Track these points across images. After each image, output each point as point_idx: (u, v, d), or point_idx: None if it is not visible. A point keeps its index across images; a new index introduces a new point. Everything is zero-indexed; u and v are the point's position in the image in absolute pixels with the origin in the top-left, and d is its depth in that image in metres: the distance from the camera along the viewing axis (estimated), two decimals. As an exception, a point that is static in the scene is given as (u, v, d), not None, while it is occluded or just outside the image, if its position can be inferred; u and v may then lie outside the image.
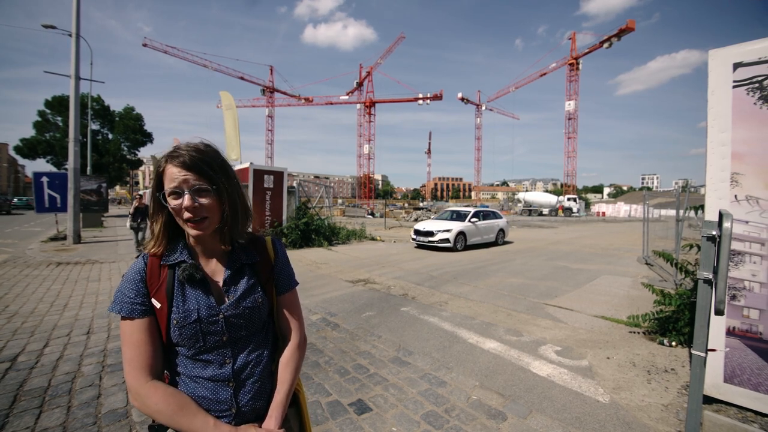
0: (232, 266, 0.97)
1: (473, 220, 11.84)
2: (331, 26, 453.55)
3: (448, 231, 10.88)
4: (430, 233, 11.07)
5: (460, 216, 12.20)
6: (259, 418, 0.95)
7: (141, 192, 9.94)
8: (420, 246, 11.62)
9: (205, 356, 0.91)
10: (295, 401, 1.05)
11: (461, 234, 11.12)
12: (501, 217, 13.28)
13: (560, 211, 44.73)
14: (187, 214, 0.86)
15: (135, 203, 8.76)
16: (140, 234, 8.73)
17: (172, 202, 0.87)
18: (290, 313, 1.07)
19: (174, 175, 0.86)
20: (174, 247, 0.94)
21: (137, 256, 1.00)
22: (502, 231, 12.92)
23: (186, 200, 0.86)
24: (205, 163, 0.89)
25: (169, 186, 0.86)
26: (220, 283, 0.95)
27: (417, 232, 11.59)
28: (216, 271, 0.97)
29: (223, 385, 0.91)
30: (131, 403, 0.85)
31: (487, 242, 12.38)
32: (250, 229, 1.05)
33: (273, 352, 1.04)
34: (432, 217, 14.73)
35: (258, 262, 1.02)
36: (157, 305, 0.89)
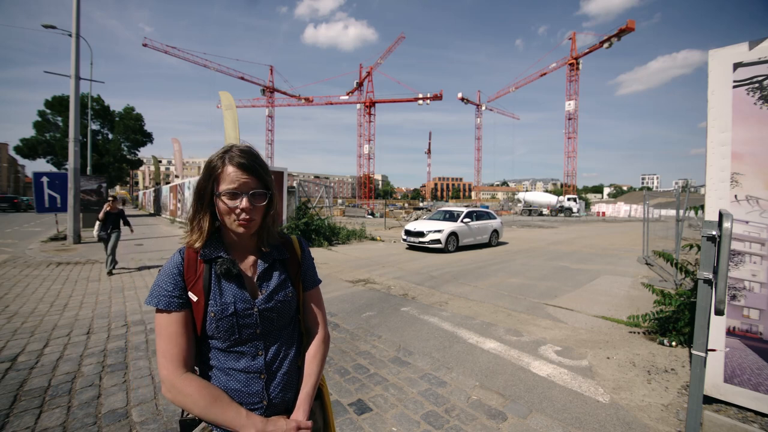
0: (265, 262, 1.01)
1: (465, 220, 11.55)
2: (332, 26, 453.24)
3: (439, 231, 10.61)
4: (421, 233, 10.79)
5: (452, 216, 11.87)
6: (287, 410, 0.98)
7: (114, 194, 7.93)
8: (411, 247, 11.36)
9: (239, 348, 0.94)
10: (319, 395, 1.09)
11: (453, 235, 10.87)
12: (495, 218, 13.01)
13: (548, 210, 45.04)
14: (242, 215, 0.91)
15: (106, 207, 6.96)
16: (110, 245, 6.88)
17: (228, 202, 0.90)
18: (316, 309, 1.12)
19: (234, 176, 0.91)
20: (210, 242, 0.98)
21: (109, 271, 1.01)
22: (496, 232, 12.69)
23: (244, 202, 0.90)
24: (262, 168, 0.95)
25: (228, 187, 0.90)
26: (254, 278, 1.00)
27: (408, 233, 11.29)
28: (249, 266, 1.01)
29: (255, 376, 0.94)
30: (163, 395, 0.84)
31: (480, 243, 12.13)
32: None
33: (299, 346, 1.07)
34: (424, 217, 14.46)
35: (287, 259, 1.07)
36: (194, 298, 0.92)
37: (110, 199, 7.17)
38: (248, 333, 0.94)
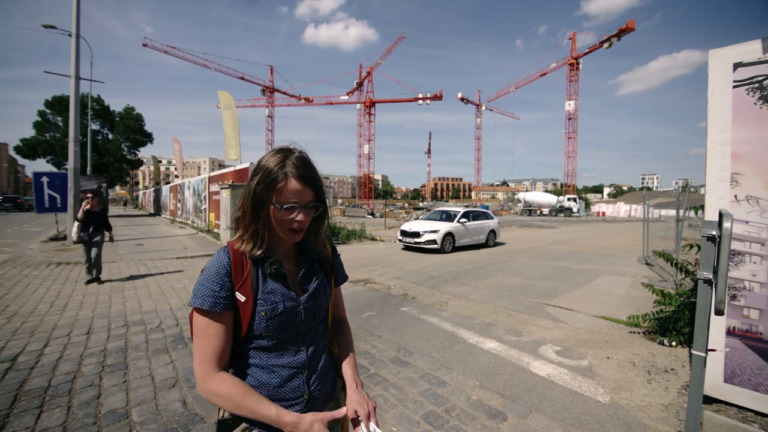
0: (306, 262, 1.05)
1: (462, 220, 11.39)
2: (333, 26, 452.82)
3: (435, 232, 10.47)
4: (417, 234, 10.66)
5: (449, 216, 11.71)
6: (324, 402, 1.03)
7: (92, 189, 5.94)
8: (407, 247, 11.23)
9: (284, 345, 0.97)
10: (344, 387, 1.12)
11: (449, 235, 10.75)
12: (492, 218, 12.88)
13: (540, 211, 45.39)
14: (296, 226, 0.93)
15: (85, 205, 5.73)
16: (94, 251, 5.85)
17: (287, 214, 0.91)
18: (341, 300, 1.24)
19: (297, 191, 0.91)
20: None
21: (88, 281, 0.99)
22: (493, 232, 12.52)
23: (301, 216, 0.92)
24: (319, 179, 0.97)
25: (289, 200, 0.91)
26: (297, 278, 1.02)
27: (403, 233, 11.15)
28: (292, 265, 1.04)
29: (297, 371, 0.98)
30: (197, 391, 0.87)
31: (477, 244, 11.99)
32: None
33: (328, 339, 1.14)
34: (421, 217, 14.22)
35: (323, 258, 1.11)
36: (242, 299, 0.92)
37: (89, 195, 5.78)
38: (294, 331, 0.97)
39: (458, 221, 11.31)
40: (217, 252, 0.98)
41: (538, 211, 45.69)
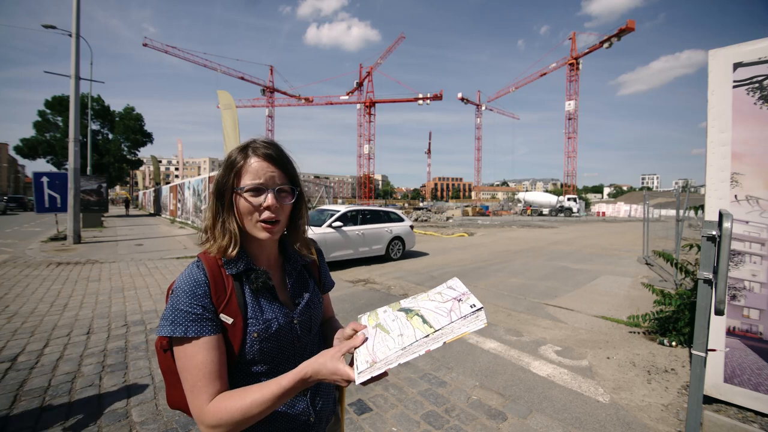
0: (294, 269, 0.94)
1: (337, 224, 7.90)
2: (335, 26, 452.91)
3: None
4: None
5: (321, 219, 8.16)
6: (327, 419, 0.95)
7: None
8: None
9: (281, 367, 0.83)
10: (337, 387, 1.05)
11: None
12: (402, 219, 9.49)
13: (528, 211, 45.75)
14: (266, 214, 0.80)
15: None
16: None
17: (252, 199, 0.80)
18: (330, 303, 1.12)
19: (260, 169, 0.80)
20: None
21: None
22: (399, 239, 9.08)
23: (269, 199, 0.80)
24: (288, 161, 0.86)
25: (252, 181, 0.79)
26: (287, 288, 0.91)
27: None
28: (278, 275, 0.92)
29: (300, 395, 0.87)
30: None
31: (367, 257, 8.58)
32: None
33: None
34: None
35: (310, 263, 1.01)
36: (229, 321, 0.79)
37: None
38: (291, 349, 0.87)
39: (330, 226, 7.84)
40: (188, 267, 0.82)
41: (528, 211, 46.00)
